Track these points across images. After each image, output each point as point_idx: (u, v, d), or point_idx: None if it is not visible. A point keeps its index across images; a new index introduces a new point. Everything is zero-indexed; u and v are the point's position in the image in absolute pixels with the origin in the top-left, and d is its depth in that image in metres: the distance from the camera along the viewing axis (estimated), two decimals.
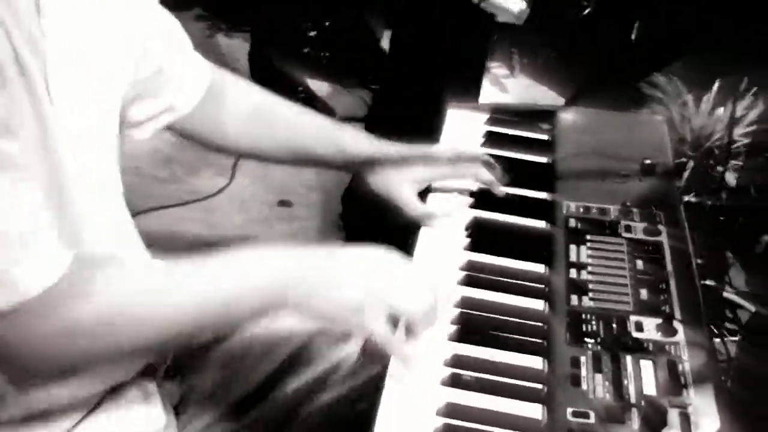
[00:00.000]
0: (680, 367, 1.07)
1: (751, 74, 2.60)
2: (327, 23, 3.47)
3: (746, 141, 2.43)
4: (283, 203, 2.75)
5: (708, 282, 1.25)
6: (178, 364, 1.25)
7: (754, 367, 1.27)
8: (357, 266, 1.05)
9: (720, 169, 2.45)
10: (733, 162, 2.49)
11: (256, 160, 1.41)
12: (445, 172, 1.36)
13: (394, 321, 1.04)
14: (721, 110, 2.52)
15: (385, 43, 3.49)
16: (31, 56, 0.90)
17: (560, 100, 3.08)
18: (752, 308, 1.29)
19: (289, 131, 1.34)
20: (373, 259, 1.06)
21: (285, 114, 1.35)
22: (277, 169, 2.75)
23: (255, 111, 1.33)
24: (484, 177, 1.36)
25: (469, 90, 2.13)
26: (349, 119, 3.20)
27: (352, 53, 3.46)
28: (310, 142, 1.33)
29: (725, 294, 1.30)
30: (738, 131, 2.52)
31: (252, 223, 2.67)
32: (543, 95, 3.14)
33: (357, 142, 1.34)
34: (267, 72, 3.20)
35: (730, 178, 2.49)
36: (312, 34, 3.46)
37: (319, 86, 3.31)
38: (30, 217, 0.87)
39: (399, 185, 1.32)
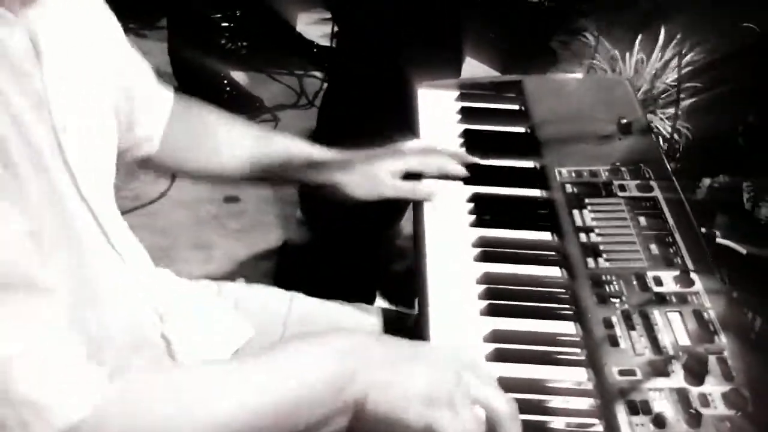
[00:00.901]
0: (705, 315, 1.11)
1: (667, 24, 2.70)
2: (237, 13, 3.42)
3: (673, 88, 2.52)
4: (230, 199, 2.72)
5: (702, 230, 1.30)
6: None
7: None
8: (428, 356, 0.94)
9: (653, 118, 2.55)
10: (665, 111, 2.59)
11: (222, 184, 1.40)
12: (413, 163, 1.38)
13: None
14: (646, 62, 2.61)
15: (300, 28, 3.47)
16: (33, 112, 0.89)
17: (494, 74, 3.12)
18: (743, 251, 1.35)
19: (252, 152, 1.36)
20: (444, 351, 0.98)
21: (246, 135, 1.38)
22: None
23: (212, 134, 1.35)
24: (449, 168, 1.39)
25: (447, 66, 2.13)
26: (277, 107, 3.18)
27: (270, 41, 3.43)
28: (273, 162, 1.35)
29: (718, 240, 1.36)
30: (666, 81, 2.62)
31: (202, 224, 2.64)
32: (478, 70, 3.17)
33: (316, 154, 1.37)
34: (188, 67, 3.14)
35: (663, 127, 2.58)
36: (225, 25, 3.40)
37: (241, 77, 3.27)
38: (60, 345, 0.82)
39: (381, 180, 1.35)
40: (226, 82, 3.20)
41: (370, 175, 1.34)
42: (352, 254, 2.24)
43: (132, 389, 0.84)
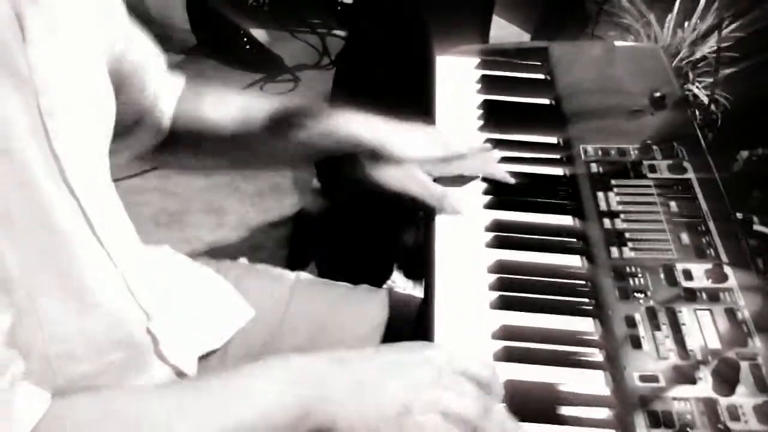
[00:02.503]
0: (739, 315, 1.01)
1: None
2: None
3: (713, 56, 2.37)
4: None
5: (738, 215, 1.19)
6: None
7: None
8: (393, 369, 0.89)
9: (689, 87, 2.41)
10: (701, 79, 2.45)
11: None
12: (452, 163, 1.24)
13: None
14: (685, 28, 2.46)
15: None
16: (14, 93, 0.80)
17: (525, 36, 2.99)
18: None
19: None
20: (403, 357, 0.91)
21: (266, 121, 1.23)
22: None
23: (237, 119, 1.22)
24: (489, 170, 1.25)
25: (473, 26, 2.00)
26: (298, 67, 3.08)
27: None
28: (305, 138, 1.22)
29: (755, 227, 1.24)
30: (704, 49, 2.47)
31: (215, 188, 2.55)
32: (506, 32, 3.04)
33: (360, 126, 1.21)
34: (208, 23, 3.04)
35: (701, 95, 2.45)
36: None
37: (262, 35, 3.16)
38: None
39: (412, 173, 1.20)
40: (246, 39, 3.10)
41: (404, 165, 1.20)
42: (370, 226, 2.15)
43: (73, 417, 0.79)
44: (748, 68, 2.31)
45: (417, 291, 2.13)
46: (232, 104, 1.22)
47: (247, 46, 3.08)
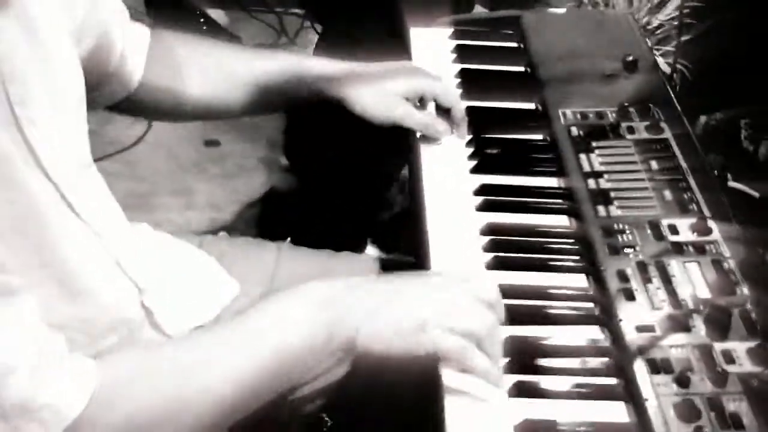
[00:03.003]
0: (725, 265, 1.05)
1: None
2: None
3: (674, 23, 2.42)
4: (210, 143, 2.62)
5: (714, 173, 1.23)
6: None
7: None
8: (406, 288, 0.95)
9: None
10: (659, 47, 2.50)
11: (219, 119, 1.30)
12: (425, 88, 1.30)
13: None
14: None
15: None
16: None
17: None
18: (756, 194, 1.29)
19: (250, 73, 1.25)
20: (422, 280, 0.98)
21: (240, 58, 1.27)
22: None
23: (210, 63, 1.25)
24: (458, 106, 1.31)
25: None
26: (257, 47, 3.06)
27: None
28: (276, 79, 1.25)
29: (730, 184, 1.29)
30: (662, 16, 2.52)
31: (182, 170, 2.54)
32: None
33: (321, 63, 1.27)
34: (164, 3, 3.00)
35: (662, 63, 2.49)
36: None
37: (219, 15, 3.14)
38: (42, 343, 0.79)
39: (392, 100, 1.25)
40: (203, 20, 3.06)
41: (383, 93, 1.24)
42: (341, 202, 2.16)
43: (122, 374, 0.82)
44: (706, 35, 2.36)
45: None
46: (209, 74, 1.24)
47: (205, 27, 3.05)
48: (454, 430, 0.88)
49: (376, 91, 1.24)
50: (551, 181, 1.22)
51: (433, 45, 1.49)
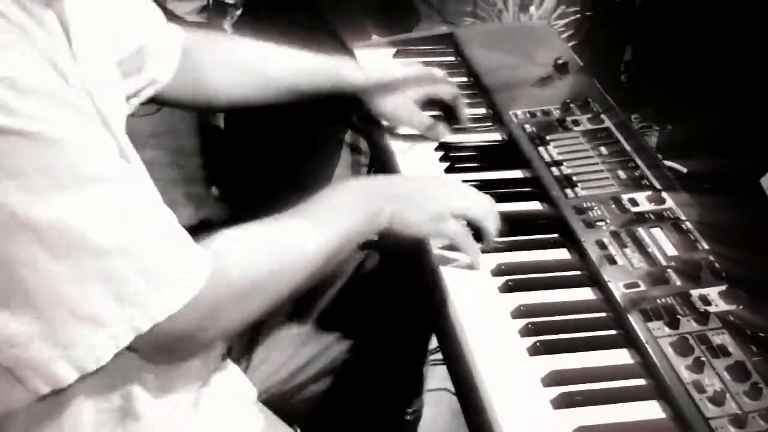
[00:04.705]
0: (684, 227, 1.22)
1: None
2: None
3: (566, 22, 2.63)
4: None
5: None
6: None
7: None
8: (427, 185, 1.19)
9: None
10: None
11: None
12: (437, 91, 1.46)
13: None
14: (532, 9, 2.72)
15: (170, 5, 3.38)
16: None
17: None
18: (684, 170, 1.47)
19: (285, 74, 1.38)
20: (435, 179, 1.27)
21: (276, 58, 1.39)
22: None
23: (241, 61, 1.36)
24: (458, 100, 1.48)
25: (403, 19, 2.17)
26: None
27: None
28: (307, 79, 1.38)
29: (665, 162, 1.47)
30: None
31: None
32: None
33: (355, 72, 1.41)
34: None
35: None
36: None
37: None
38: (166, 215, 0.88)
39: (408, 107, 1.43)
40: None
41: (402, 102, 1.43)
42: None
43: (228, 249, 0.95)
44: (592, 40, 2.58)
45: None
46: (235, 66, 1.36)
47: None
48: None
49: (397, 100, 1.42)
50: (517, 173, 1.36)
51: (380, 64, 1.62)
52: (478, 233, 1.17)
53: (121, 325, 0.84)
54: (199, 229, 2.41)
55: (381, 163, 1.43)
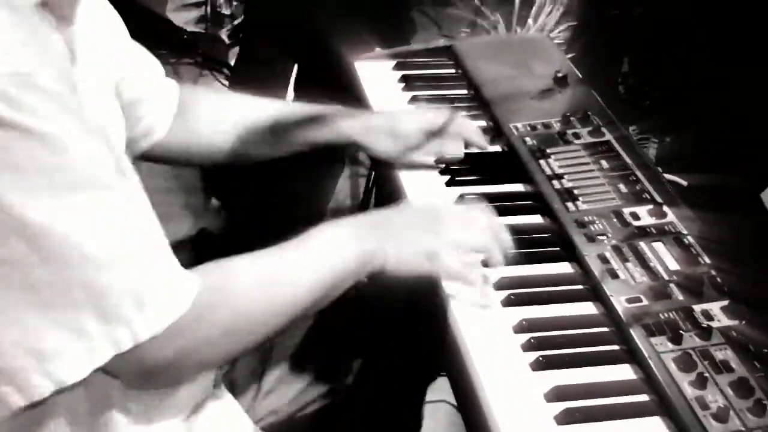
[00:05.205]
0: (686, 241, 1.22)
1: None
2: None
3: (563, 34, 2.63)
4: None
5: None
6: None
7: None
8: (422, 220, 1.15)
9: None
10: None
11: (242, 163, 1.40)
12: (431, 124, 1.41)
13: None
14: (530, 21, 2.73)
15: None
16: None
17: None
18: (685, 183, 1.47)
19: (269, 118, 1.35)
20: (432, 212, 1.18)
21: (271, 113, 1.36)
22: None
23: (235, 117, 1.35)
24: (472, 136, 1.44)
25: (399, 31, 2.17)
26: None
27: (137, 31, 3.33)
28: (303, 133, 1.36)
29: (665, 176, 1.46)
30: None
31: None
32: None
33: (350, 122, 1.37)
34: None
35: None
36: None
37: None
38: (159, 234, 0.88)
39: (404, 134, 1.37)
40: None
41: (390, 129, 1.37)
42: (275, 238, 2.25)
43: (219, 282, 0.93)
44: (588, 53, 2.58)
45: None
46: (230, 121, 1.33)
47: None
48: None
49: (380, 128, 1.37)
50: (519, 187, 1.36)
51: (379, 76, 1.62)
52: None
53: (102, 340, 0.83)
54: (197, 240, 2.43)
55: (381, 176, 1.42)
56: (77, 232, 0.79)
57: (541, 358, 1.06)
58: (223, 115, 1.34)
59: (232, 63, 3.20)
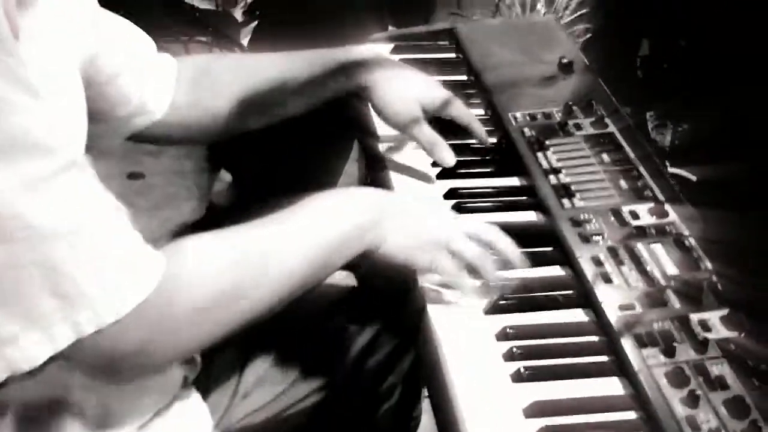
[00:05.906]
0: (686, 243, 1.14)
1: None
2: None
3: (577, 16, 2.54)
4: (134, 176, 2.60)
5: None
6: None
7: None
8: (432, 211, 1.12)
9: None
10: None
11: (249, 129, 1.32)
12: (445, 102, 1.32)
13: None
14: (540, 4, 2.63)
15: None
16: None
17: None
18: (693, 177, 1.39)
19: (277, 74, 1.27)
20: (442, 208, 1.19)
21: (263, 61, 1.30)
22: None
23: (235, 78, 1.27)
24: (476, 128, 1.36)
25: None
26: None
27: (148, 8, 3.28)
28: (302, 74, 1.27)
29: (670, 169, 1.38)
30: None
31: None
32: None
33: (350, 53, 1.29)
34: None
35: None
36: None
37: None
38: (119, 210, 0.82)
39: (412, 108, 1.27)
40: None
41: (407, 98, 1.27)
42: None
43: (188, 261, 0.86)
44: (605, 34, 2.49)
45: None
46: (236, 87, 1.25)
47: None
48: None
49: (402, 94, 1.26)
50: (514, 181, 1.28)
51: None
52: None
53: (61, 325, 0.76)
54: (206, 220, 2.38)
55: (368, 164, 1.35)
56: (25, 202, 0.72)
57: (522, 369, 0.99)
58: (240, 76, 1.26)
59: (245, 42, 3.13)
